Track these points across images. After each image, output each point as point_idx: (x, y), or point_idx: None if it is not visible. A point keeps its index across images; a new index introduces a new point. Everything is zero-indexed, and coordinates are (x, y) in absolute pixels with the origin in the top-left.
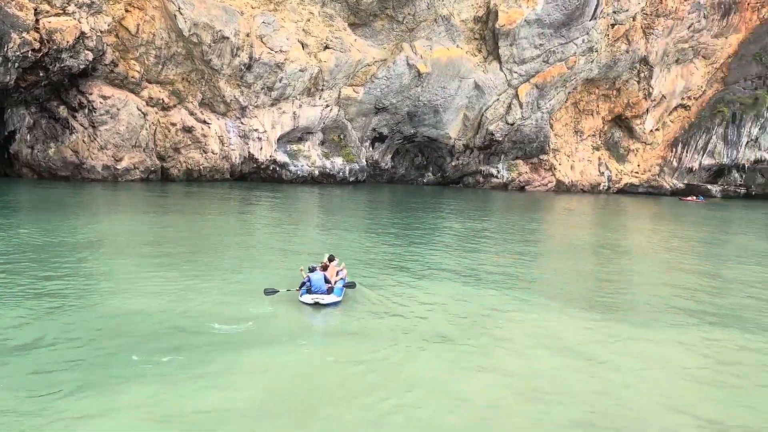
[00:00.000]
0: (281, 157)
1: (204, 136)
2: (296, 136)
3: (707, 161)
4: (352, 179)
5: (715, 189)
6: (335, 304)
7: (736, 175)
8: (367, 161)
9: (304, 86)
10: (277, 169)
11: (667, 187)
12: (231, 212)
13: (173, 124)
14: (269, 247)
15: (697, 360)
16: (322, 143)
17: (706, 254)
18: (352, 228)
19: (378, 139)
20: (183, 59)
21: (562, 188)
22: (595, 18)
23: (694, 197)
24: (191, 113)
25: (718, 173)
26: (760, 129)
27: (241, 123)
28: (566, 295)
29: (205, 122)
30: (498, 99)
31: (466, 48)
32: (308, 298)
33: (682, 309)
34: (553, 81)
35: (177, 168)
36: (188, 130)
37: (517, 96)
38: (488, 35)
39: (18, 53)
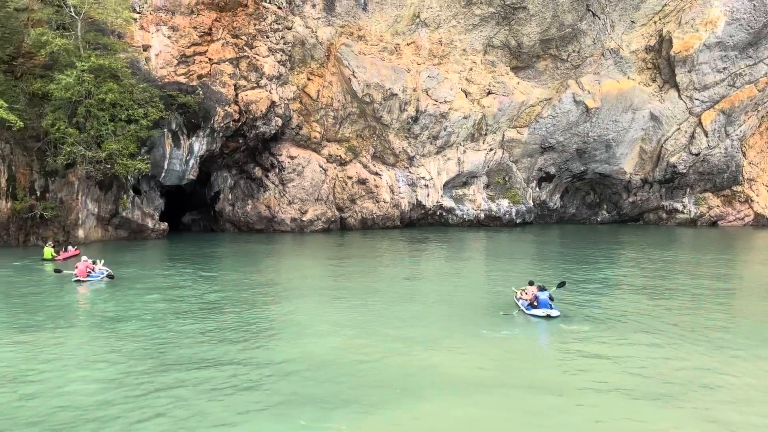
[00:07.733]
0: (447, 202)
1: (376, 186)
2: (461, 180)
3: None
4: (518, 221)
5: None
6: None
7: None
8: (534, 202)
9: (468, 132)
10: (444, 213)
11: None
12: (438, 256)
13: (349, 178)
14: (472, 286)
15: None
16: (487, 186)
17: None
18: (548, 266)
19: (545, 178)
20: (357, 118)
21: (762, 222)
22: None
23: None
24: (365, 166)
25: None
26: None
27: (409, 172)
28: None
29: (377, 174)
30: (678, 129)
31: (638, 78)
32: (541, 312)
33: None
34: (742, 105)
35: (353, 217)
36: (362, 182)
37: (700, 124)
38: (662, 63)
39: (222, 124)
